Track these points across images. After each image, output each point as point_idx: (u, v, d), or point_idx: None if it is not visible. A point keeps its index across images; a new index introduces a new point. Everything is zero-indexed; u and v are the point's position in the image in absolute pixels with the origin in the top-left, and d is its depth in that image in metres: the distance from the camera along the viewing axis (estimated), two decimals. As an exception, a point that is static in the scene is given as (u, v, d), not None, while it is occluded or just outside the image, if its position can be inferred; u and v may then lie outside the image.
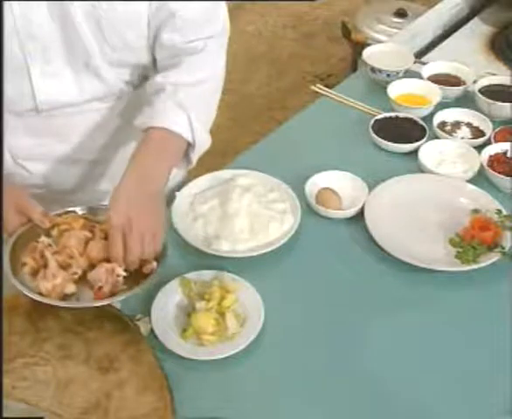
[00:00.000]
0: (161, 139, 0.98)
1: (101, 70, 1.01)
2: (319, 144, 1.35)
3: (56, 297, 0.89)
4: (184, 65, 1.02)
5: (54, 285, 0.89)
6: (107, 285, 0.90)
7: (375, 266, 1.09)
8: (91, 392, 0.83)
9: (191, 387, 0.90)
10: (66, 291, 0.91)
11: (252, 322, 0.97)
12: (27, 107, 1.02)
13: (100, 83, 1.03)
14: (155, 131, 0.98)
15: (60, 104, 1.02)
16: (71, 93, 1.02)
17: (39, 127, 1.05)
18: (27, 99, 1.00)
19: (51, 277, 0.90)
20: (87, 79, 1.01)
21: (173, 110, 0.99)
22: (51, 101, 1.01)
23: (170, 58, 1.04)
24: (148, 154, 0.97)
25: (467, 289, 1.06)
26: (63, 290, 0.90)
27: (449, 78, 1.48)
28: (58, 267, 0.91)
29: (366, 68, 1.52)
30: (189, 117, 1.00)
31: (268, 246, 1.09)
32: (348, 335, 0.99)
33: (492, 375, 0.93)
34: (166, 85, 1.01)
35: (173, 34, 1.01)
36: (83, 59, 0.99)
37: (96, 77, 1.02)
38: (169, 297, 1.00)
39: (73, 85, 1.01)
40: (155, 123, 0.98)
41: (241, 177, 1.20)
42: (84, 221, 0.99)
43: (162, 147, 0.99)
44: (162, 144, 0.98)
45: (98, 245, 0.94)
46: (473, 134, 1.35)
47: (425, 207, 1.19)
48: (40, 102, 1.01)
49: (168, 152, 1.00)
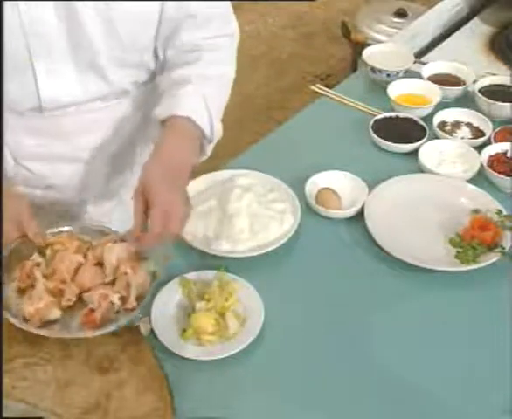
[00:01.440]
0: (187, 128, 0.99)
1: (106, 70, 1.01)
2: (319, 144, 1.35)
3: (38, 321, 0.86)
4: (206, 59, 1.04)
5: (37, 309, 0.86)
6: (99, 310, 0.88)
7: (375, 266, 1.09)
8: (91, 392, 0.83)
9: (191, 387, 0.90)
10: (50, 316, 0.87)
11: (253, 322, 0.97)
12: (30, 106, 1.01)
13: (104, 83, 1.03)
14: (179, 120, 0.99)
15: (64, 103, 1.02)
16: (75, 93, 1.02)
17: (41, 127, 1.05)
18: (31, 97, 1.00)
19: (37, 300, 0.87)
20: (92, 79, 1.02)
21: (198, 102, 1.01)
22: (55, 100, 1.01)
23: (189, 53, 1.05)
24: (177, 144, 0.98)
25: (466, 289, 1.06)
26: (46, 315, 0.87)
27: (449, 78, 1.48)
28: (45, 291, 0.88)
29: (366, 68, 1.52)
30: (209, 112, 1.02)
31: (268, 246, 1.09)
32: (348, 335, 0.99)
33: (492, 375, 0.93)
34: (192, 77, 1.02)
35: (194, 32, 1.03)
36: (88, 59, 0.99)
37: (101, 77, 1.02)
38: (169, 297, 1.00)
39: (77, 84, 1.01)
40: (181, 112, 0.99)
41: (241, 177, 1.20)
42: (79, 243, 0.96)
43: (189, 136, 1.00)
44: (188, 134, 1.00)
45: (89, 272, 0.92)
46: (473, 134, 1.35)
47: (425, 207, 1.19)
48: (44, 101, 1.00)
49: (193, 142, 1.01)
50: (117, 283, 0.92)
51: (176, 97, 1.00)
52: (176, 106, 0.99)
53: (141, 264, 0.94)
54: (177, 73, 1.04)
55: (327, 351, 0.97)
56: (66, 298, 0.89)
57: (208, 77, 1.04)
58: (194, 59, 1.04)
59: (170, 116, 0.99)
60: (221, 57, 1.07)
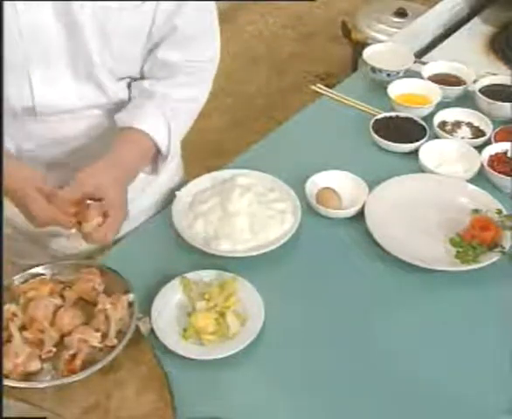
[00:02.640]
0: (143, 143, 1.03)
1: (103, 79, 1.02)
2: (319, 144, 1.35)
3: (18, 375, 0.84)
4: (177, 81, 1.06)
5: (16, 364, 0.83)
6: (80, 357, 0.85)
7: (375, 266, 1.09)
8: (91, 392, 0.83)
9: (192, 386, 0.90)
10: (30, 369, 0.84)
11: (253, 322, 0.97)
12: (25, 109, 1.01)
13: (100, 92, 1.03)
14: (137, 133, 1.02)
15: (58, 109, 1.02)
16: (70, 100, 1.02)
17: (37, 131, 1.04)
18: (26, 100, 1.00)
19: (14, 355, 0.84)
20: (88, 88, 1.02)
21: (159, 120, 1.04)
22: (50, 106, 1.01)
23: (163, 68, 1.06)
24: (131, 156, 1.02)
25: (466, 289, 1.06)
26: (26, 368, 0.84)
27: (449, 77, 1.48)
28: (23, 344, 0.86)
29: (366, 68, 1.52)
30: (169, 130, 1.05)
31: (268, 246, 1.09)
32: (348, 334, 0.99)
33: (492, 375, 0.93)
34: (156, 93, 1.05)
35: (173, 51, 1.04)
36: (86, 69, 1.00)
37: (97, 86, 1.02)
38: (170, 296, 1.00)
39: (73, 91, 1.01)
40: (141, 126, 1.02)
41: (241, 177, 1.20)
42: (52, 285, 0.94)
43: (143, 152, 1.04)
44: (143, 149, 1.04)
45: (68, 314, 0.90)
46: (473, 134, 1.35)
47: (425, 207, 1.19)
48: (38, 105, 1.00)
49: (145, 157, 1.05)
50: (96, 319, 0.90)
51: (139, 109, 1.04)
52: (137, 119, 1.03)
53: (120, 298, 0.92)
54: (146, 85, 1.06)
55: (327, 350, 0.97)
56: (46, 350, 0.87)
57: (174, 97, 1.06)
58: (165, 76, 1.06)
59: (130, 127, 1.02)
60: (194, 81, 1.08)
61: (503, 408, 0.89)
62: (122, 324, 0.90)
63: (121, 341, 0.88)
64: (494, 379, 0.93)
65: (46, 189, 0.93)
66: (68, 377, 0.83)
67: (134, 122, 1.02)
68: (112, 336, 0.88)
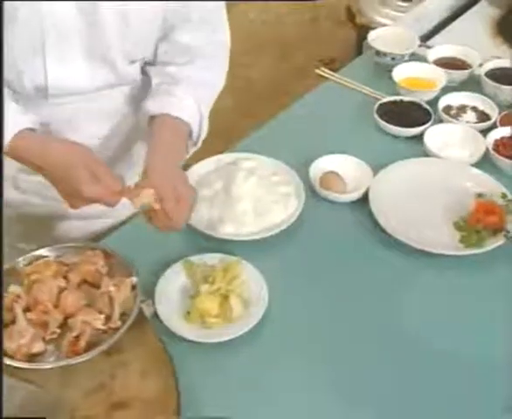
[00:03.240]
0: (179, 128, 1.03)
1: (117, 62, 1.02)
2: (323, 128, 1.34)
3: (22, 356, 0.84)
4: (196, 65, 1.07)
5: (20, 345, 0.83)
6: (83, 338, 0.85)
7: (379, 250, 1.09)
8: (95, 373, 0.84)
9: (195, 369, 0.90)
10: (34, 350, 0.85)
11: (257, 305, 0.97)
12: (38, 90, 1.00)
13: (113, 74, 1.03)
14: (171, 118, 1.02)
15: (71, 91, 1.02)
16: (83, 81, 1.01)
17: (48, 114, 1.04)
18: (39, 80, 0.99)
19: (18, 335, 0.84)
20: (101, 70, 1.01)
21: (191, 104, 1.04)
22: (62, 87, 1.00)
23: (182, 53, 1.06)
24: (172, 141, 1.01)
25: (471, 273, 1.06)
26: (30, 349, 0.84)
27: (455, 61, 1.47)
28: (27, 325, 0.86)
29: (371, 52, 1.51)
30: (201, 114, 1.05)
31: (272, 229, 1.09)
32: (351, 317, 0.99)
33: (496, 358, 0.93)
34: (182, 78, 1.05)
35: (187, 34, 1.05)
36: (101, 51, 0.99)
37: (111, 68, 1.02)
38: (173, 279, 1.00)
39: (86, 73, 1.01)
40: (174, 112, 1.02)
41: (245, 161, 1.19)
42: (56, 266, 0.94)
43: (181, 136, 1.04)
44: (180, 133, 1.03)
45: (72, 296, 0.90)
46: (478, 118, 1.34)
47: (429, 191, 1.19)
48: (51, 86, 1.00)
49: (183, 142, 1.05)
50: (100, 301, 0.90)
51: (170, 95, 1.03)
52: (170, 105, 1.02)
53: (124, 281, 0.92)
54: (172, 70, 1.06)
55: (330, 333, 0.97)
56: (50, 332, 0.87)
57: (199, 81, 1.06)
58: (186, 61, 1.06)
59: (164, 113, 1.02)
60: (211, 65, 1.09)
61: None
62: (126, 306, 0.91)
63: (124, 323, 0.88)
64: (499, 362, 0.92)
65: (93, 166, 0.91)
66: (72, 358, 0.84)
67: (169, 110, 1.02)
68: (116, 318, 0.88)
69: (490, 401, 0.88)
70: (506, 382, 0.89)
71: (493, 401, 0.88)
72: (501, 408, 0.87)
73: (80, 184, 0.90)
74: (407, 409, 0.88)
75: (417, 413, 0.88)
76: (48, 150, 0.93)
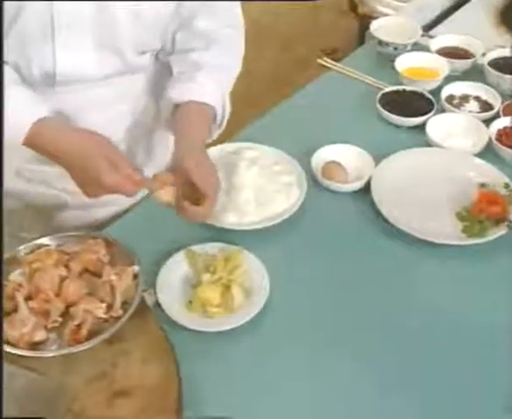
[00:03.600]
0: (204, 113, 1.04)
1: (126, 52, 1.02)
2: (325, 117, 1.34)
3: (24, 345, 0.83)
4: (217, 49, 1.07)
5: (22, 333, 0.83)
6: (85, 327, 0.85)
7: (381, 239, 1.09)
8: (97, 361, 0.84)
9: (197, 358, 0.90)
10: (36, 338, 0.85)
11: (258, 294, 0.97)
12: (45, 76, 1.00)
13: (122, 63, 1.03)
14: (196, 105, 1.03)
15: (78, 77, 1.01)
16: (91, 68, 1.01)
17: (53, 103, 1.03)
18: (46, 67, 0.99)
19: (20, 324, 0.84)
20: (110, 58, 1.01)
21: (213, 89, 1.05)
22: (70, 73, 1.00)
23: (200, 39, 1.07)
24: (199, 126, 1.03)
25: (473, 263, 1.06)
26: (32, 338, 0.84)
27: (458, 51, 1.46)
28: (29, 313, 0.85)
29: (373, 41, 1.50)
30: (224, 99, 1.06)
31: (274, 219, 1.09)
32: (353, 307, 0.99)
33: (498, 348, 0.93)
34: (205, 63, 1.05)
35: (205, 21, 1.06)
36: (110, 40, 0.99)
37: (120, 57, 1.02)
38: (175, 269, 1.00)
39: (95, 61, 1.00)
40: (198, 98, 1.03)
41: (247, 150, 1.19)
42: (57, 255, 0.94)
43: (206, 121, 1.05)
44: (205, 119, 1.04)
45: (74, 284, 0.90)
46: (481, 108, 1.33)
47: (432, 181, 1.18)
48: (59, 73, 0.99)
49: (208, 127, 1.06)
50: (101, 290, 0.90)
51: (192, 82, 1.04)
52: (193, 92, 1.03)
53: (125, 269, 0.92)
54: (192, 57, 1.06)
55: (332, 322, 0.97)
56: (52, 320, 0.87)
57: (218, 66, 1.07)
58: (204, 47, 1.07)
59: (188, 101, 1.02)
60: (228, 50, 1.10)
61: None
62: (128, 295, 0.90)
63: (126, 312, 0.88)
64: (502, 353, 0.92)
65: (112, 156, 0.91)
66: (74, 347, 0.84)
67: (192, 96, 1.02)
68: (117, 307, 0.88)
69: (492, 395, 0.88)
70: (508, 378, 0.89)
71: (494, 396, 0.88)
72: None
73: (99, 173, 0.90)
74: (409, 399, 0.88)
75: (418, 403, 0.87)
76: (65, 139, 0.92)
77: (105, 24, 0.97)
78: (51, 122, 0.93)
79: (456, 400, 0.88)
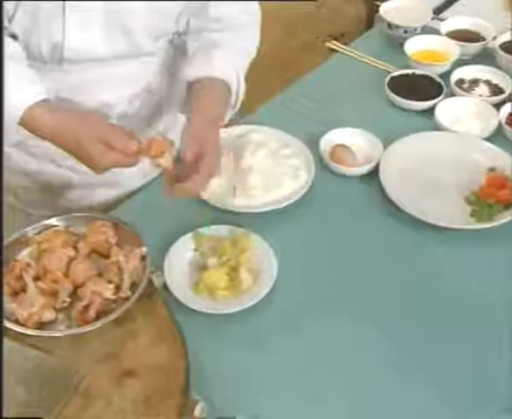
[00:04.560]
0: (219, 89, 1.03)
1: (136, 33, 1.01)
2: (334, 101, 1.33)
3: (33, 324, 0.84)
4: (232, 33, 1.07)
5: (31, 313, 0.84)
6: (93, 308, 0.85)
7: (388, 223, 1.08)
8: (105, 342, 0.84)
9: (204, 339, 0.91)
10: (44, 318, 0.85)
11: (265, 277, 0.97)
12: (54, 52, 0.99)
13: (131, 43, 1.02)
14: (210, 81, 1.02)
15: (86, 56, 1.01)
16: (99, 47, 1.00)
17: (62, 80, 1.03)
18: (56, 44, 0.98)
19: (29, 304, 0.84)
20: (119, 39, 1.01)
21: (228, 68, 1.04)
22: (78, 50, 0.99)
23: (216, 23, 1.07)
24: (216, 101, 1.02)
25: (481, 247, 1.05)
26: (41, 318, 0.85)
27: (468, 34, 1.45)
28: (37, 293, 0.86)
29: (383, 24, 1.48)
30: (238, 77, 1.05)
31: (282, 202, 1.08)
32: (360, 292, 0.99)
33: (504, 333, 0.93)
34: (218, 44, 1.05)
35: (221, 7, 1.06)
36: (120, 21, 0.99)
37: (129, 38, 1.01)
38: (183, 251, 1.00)
39: (104, 40, 1.00)
40: (215, 73, 1.02)
41: (254, 133, 1.18)
42: (65, 236, 0.94)
43: (225, 96, 1.04)
44: (219, 96, 1.03)
45: (82, 265, 0.90)
46: (491, 92, 1.32)
47: (440, 165, 1.17)
48: (67, 48, 0.98)
49: (226, 102, 1.05)
50: (109, 271, 0.90)
51: (206, 59, 1.04)
52: (210, 68, 1.02)
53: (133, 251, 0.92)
54: (208, 36, 1.06)
55: (339, 306, 0.97)
56: (61, 301, 0.87)
57: (234, 49, 1.06)
58: (222, 29, 1.07)
59: (203, 77, 1.02)
60: (245, 34, 1.09)
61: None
62: (135, 276, 0.90)
63: (134, 294, 0.88)
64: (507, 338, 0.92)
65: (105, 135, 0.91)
66: (82, 327, 0.84)
67: (206, 73, 1.02)
68: (125, 288, 0.88)
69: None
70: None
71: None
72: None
73: (94, 158, 0.90)
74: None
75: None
76: (59, 126, 0.92)
77: (115, 5, 0.96)
78: (43, 108, 0.93)
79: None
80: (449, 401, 0.86)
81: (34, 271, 0.89)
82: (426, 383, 0.87)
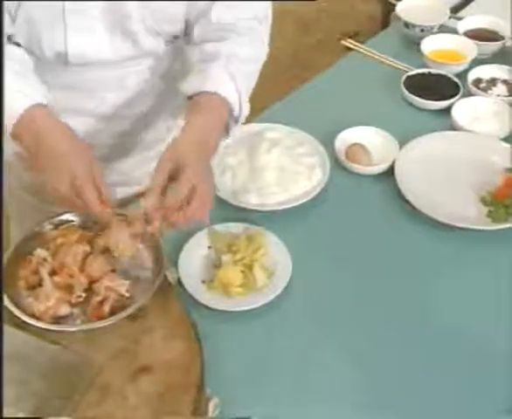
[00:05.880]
0: (216, 105, 0.97)
1: (138, 36, 1.00)
2: (349, 99, 1.32)
3: (49, 319, 0.84)
4: (236, 40, 1.03)
5: (47, 307, 0.84)
6: (107, 303, 0.86)
7: (404, 223, 1.08)
8: (119, 337, 0.84)
9: (218, 336, 0.91)
10: (60, 313, 0.85)
11: (280, 275, 0.97)
12: (57, 57, 1.00)
13: (134, 46, 1.02)
14: (207, 96, 0.97)
15: (90, 60, 1.01)
16: (103, 52, 1.00)
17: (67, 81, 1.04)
18: (58, 48, 0.99)
19: (45, 298, 0.85)
20: (123, 42, 1.00)
21: (227, 80, 0.98)
22: (82, 55, 1.00)
23: (219, 30, 1.03)
24: (207, 121, 0.95)
25: (498, 248, 1.04)
26: (56, 312, 0.85)
27: (486, 33, 1.44)
28: (53, 288, 0.86)
29: (399, 23, 1.48)
30: (238, 90, 0.99)
31: (297, 200, 1.08)
32: (375, 291, 0.98)
33: None
34: (220, 54, 1.00)
35: (226, 11, 1.02)
36: (121, 24, 0.98)
37: (132, 41, 1.01)
38: (197, 247, 1.01)
39: (107, 44, 1.00)
40: (209, 88, 0.97)
41: (269, 131, 1.18)
42: (80, 232, 0.93)
43: (218, 113, 0.97)
44: (217, 111, 0.97)
45: (97, 261, 0.90)
46: (509, 92, 1.31)
47: (457, 165, 1.17)
48: (71, 54, 0.99)
49: (221, 119, 0.98)
50: None
51: (205, 72, 0.99)
52: (205, 82, 0.98)
53: None
54: (207, 48, 1.02)
55: (353, 304, 0.97)
56: (76, 295, 0.87)
57: (237, 56, 1.02)
58: (224, 37, 1.03)
59: (199, 92, 0.97)
60: (251, 39, 1.05)
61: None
62: None
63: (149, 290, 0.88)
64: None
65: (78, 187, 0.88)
66: (97, 322, 0.85)
67: (202, 86, 0.97)
68: None
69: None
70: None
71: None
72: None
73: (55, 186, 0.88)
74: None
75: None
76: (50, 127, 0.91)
77: (116, 10, 0.96)
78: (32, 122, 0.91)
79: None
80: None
81: (50, 266, 0.90)
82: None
